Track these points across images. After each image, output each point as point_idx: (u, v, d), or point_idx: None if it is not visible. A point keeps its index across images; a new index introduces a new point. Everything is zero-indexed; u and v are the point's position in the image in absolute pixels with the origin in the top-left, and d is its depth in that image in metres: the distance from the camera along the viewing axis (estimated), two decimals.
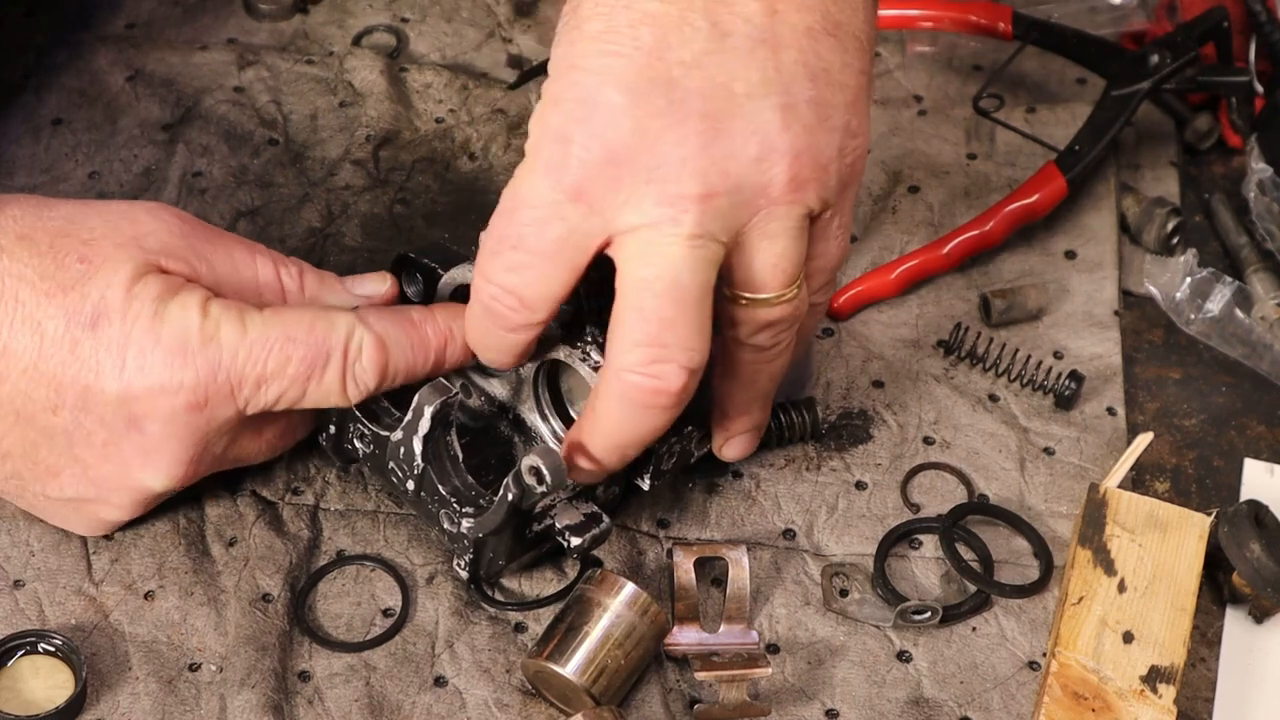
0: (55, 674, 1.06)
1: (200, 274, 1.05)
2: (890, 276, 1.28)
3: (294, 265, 1.10)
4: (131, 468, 1.04)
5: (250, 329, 1.02)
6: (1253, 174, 1.33)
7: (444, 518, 1.08)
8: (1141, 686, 1.04)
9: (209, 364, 1.01)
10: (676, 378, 0.98)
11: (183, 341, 1.01)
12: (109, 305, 1.01)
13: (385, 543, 1.14)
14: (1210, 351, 1.29)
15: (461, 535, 1.07)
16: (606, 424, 1.02)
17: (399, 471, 1.08)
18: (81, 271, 1.02)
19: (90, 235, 1.03)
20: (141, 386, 1.01)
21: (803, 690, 1.08)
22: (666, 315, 0.97)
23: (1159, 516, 1.11)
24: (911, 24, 1.46)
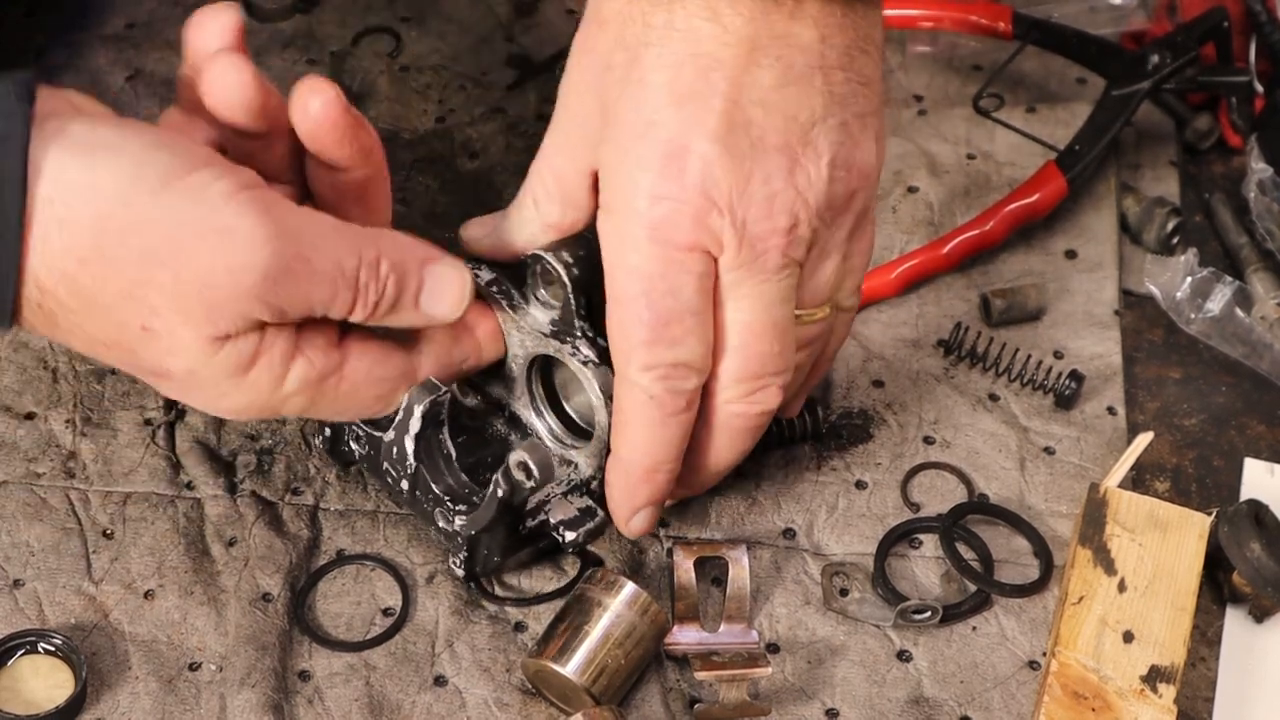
0: (55, 674, 1.06)
1: (269, 320, 0.97)
2: (890, 276, 1.28)
3: (375, 286, 0.99)
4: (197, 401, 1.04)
5: (315, 407, 1.02)
6: (1253, 174, 1.33)
7: (439, 516, 1.08)
8: (1141, 686, 1.04)
9: (270, 413, 1.01)
10: (776, 397, 1.05)
11: (249, 405, 1.00)
12: (173, 374, 0.97)
13: (385, 542, 1.14)
14: (1210, 351, 1.29)
15: (455, 533, 1.07)
16: (716, 454, 1.07)
17: (393, 471, 1.09)
18: (143, 340, 0.95)
19: (159, 302, 0.93)
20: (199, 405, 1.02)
21: (803, 690, 1.08)
22: (765, 350, 1.03)
23: (1159, 516, 1.11)
24: (911, 24, 1.46)
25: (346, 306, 0.99)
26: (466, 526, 1.06)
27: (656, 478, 1.05)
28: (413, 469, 1.07)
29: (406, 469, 1.07)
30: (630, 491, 1.06)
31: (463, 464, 1.08)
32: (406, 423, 1.05)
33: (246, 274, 0.93)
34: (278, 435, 1.18)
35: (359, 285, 0.98)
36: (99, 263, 0.91)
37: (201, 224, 0.93)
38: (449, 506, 1.07)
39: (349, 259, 0.98)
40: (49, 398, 1.20)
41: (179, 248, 0.92)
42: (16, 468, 1.16)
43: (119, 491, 1.15)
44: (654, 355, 1.01)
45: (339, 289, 0.97)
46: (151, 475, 1.16)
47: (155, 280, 0.92)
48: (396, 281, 1.00)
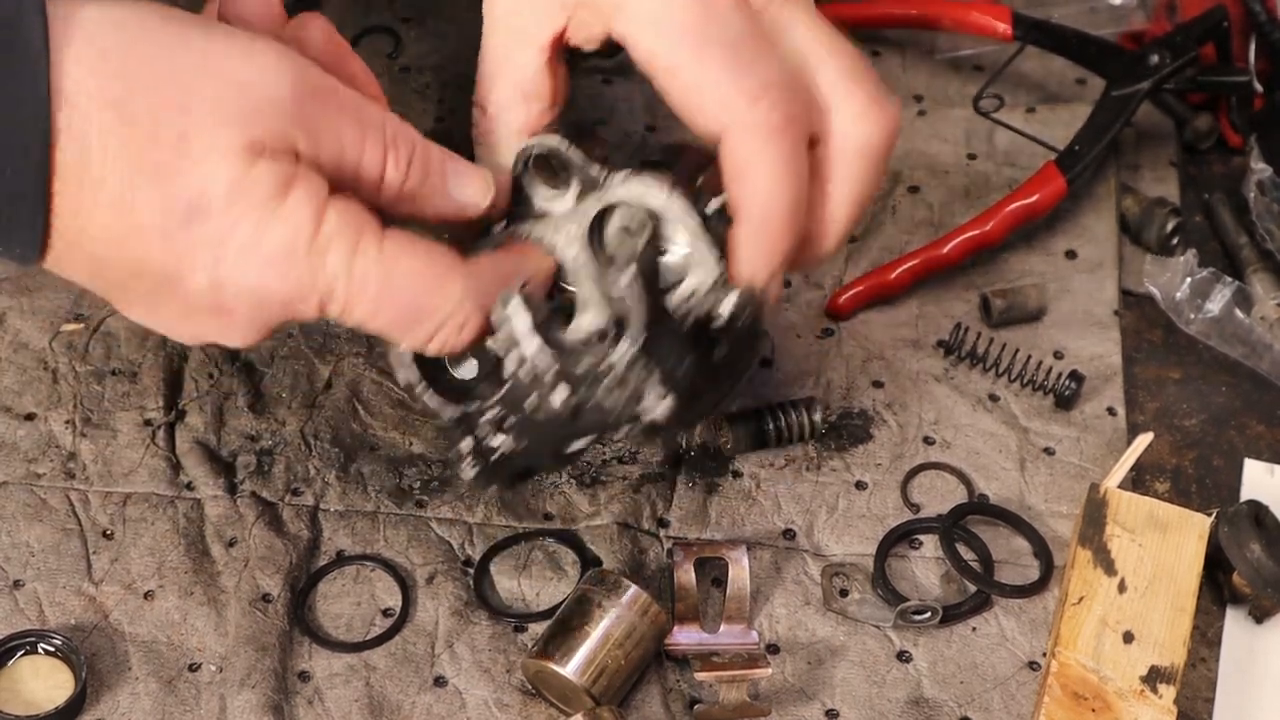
0: (55, 674, 1.06)
1: (302, 151, 0.93)
2: (890, 276, 1.28)
3: (404, 152, 0.97)
4: (208, 334, 0.97)
5: (358, 264, 0.94)
6: (1253, 174, 1.33)
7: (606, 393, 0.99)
8: (1141, 686, 1.04)
9: (307, 279, 0.93)
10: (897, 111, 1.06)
11: (287, 251, 0.92)
12: (209, 200, 0.90)
13: (385, 543, 1.14)
14: (1210, 351, 1.29)
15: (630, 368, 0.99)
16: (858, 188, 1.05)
17: (541, 391, 0.99)
18: (180, 151, 0.89)
19: (192, 105, 0.90)
20: (233, 286, 0.92)
21: (803, 690, 1.08)
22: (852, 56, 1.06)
23: (1159, 516, 1.11)
24: (912, 24, 1.46)
25: (378, 160, 0.95)
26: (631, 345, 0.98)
27: (796, 222, 1.02)
28: (552, 363, 0.99)
29: (544, 374, 0.99)
30: (773, 246, 1.01)
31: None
32: (512, 328, 0.98)
33: (277, 85, 0.91)
34: (278, 436, 1.18)
35: (387, 139, 0.95)
36: (131, 77, 0.89)
37: (230, 43, 0.92)
38: (602, 363, 0.99)
39: (374, 111, 0.96)
40: (49, 398, 1.20)
41: (210, 59, 0.91)
42: (16, 468, 1.16)
43: (119, 492, 1.15)
44: (753, 80, 0.99)
45: (368, 134, 0.95)
46: (151, 476, 1.16)
47: (191, 86, 0.89)
48: (423, 154, 0.97)
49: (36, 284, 1.25)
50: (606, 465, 1.18)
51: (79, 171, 0.88)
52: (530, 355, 0.99)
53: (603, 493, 1.16)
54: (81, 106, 0.87)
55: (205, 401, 1.20)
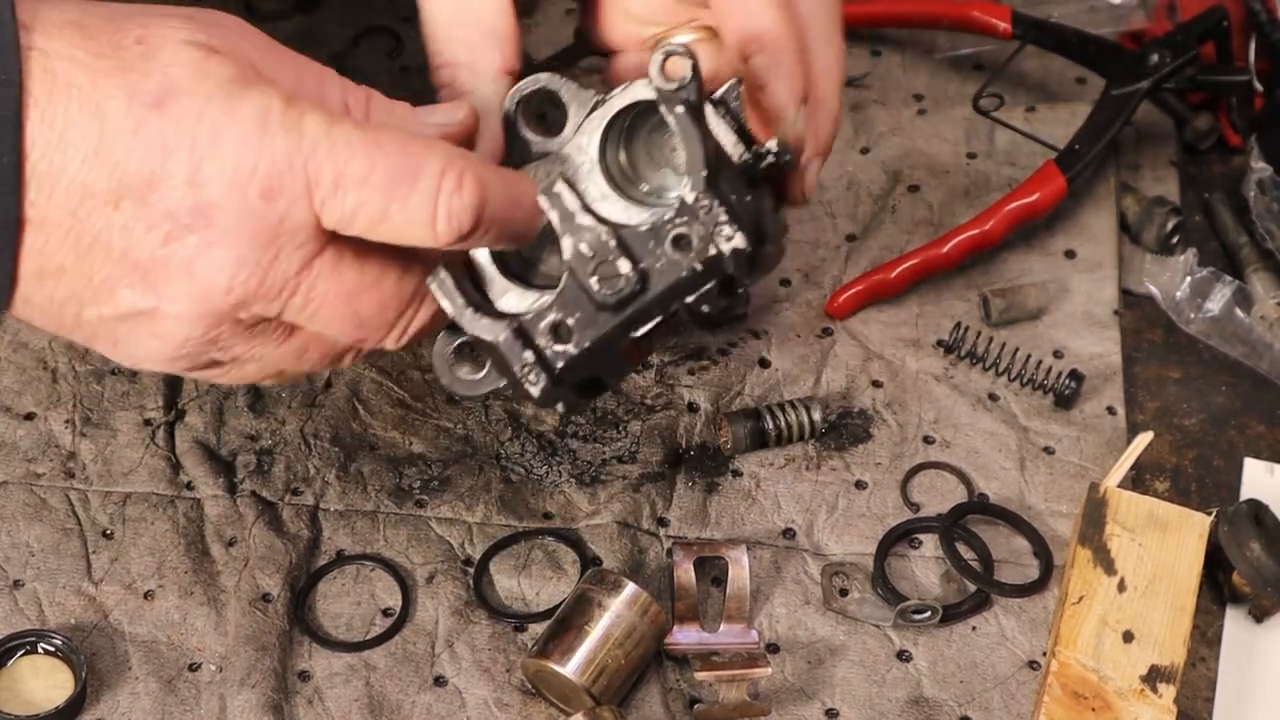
0: (55, 674, 1.06)
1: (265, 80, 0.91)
2: (890, 276, 1.28)
3: (362, 92, 0.96)
4: (195, 264, 0.90)
5: (336, 126, 0.90)
6: (1253, 174, 1.33)
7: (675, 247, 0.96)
8: (1141, 686, 1.04)
9: (287, 149, 0.89)
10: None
11: (262, 121, 0.88)
12: (176, 81, 0.88)
13: (385, 543, 1.14)
14: (1210, 351, 1.29)
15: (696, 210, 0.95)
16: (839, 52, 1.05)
17: (608, 273, 0.96)
18: (141, 52, 0.88)
19: (146, 16, 0.90)
20: (212, 169, 0.88)
21: (803, 690, 1.08)
22: None
23: (1159, 516, 1.11)
24: (912, 23, 1.46)
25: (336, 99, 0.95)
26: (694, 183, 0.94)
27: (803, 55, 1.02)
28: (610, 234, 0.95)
29: (607, 244, 0.96)
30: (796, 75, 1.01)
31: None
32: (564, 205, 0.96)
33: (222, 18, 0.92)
34: (277, 435, 1.18)
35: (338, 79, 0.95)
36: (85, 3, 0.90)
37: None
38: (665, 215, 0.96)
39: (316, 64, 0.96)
40: (49, 398, 1.20)
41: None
42: (16, 468, 1.16)
43: (119, 492, 1.15)
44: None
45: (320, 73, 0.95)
46: (151, 475, 1.16)
47: (143, 7, 0.90)
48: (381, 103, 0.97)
49: None
50: (606, 465, 1.18)
51: (48, 86, 0.87)
52: (589, 225, 0.96)
53: (603, 492, 1.16)
54: (41, 28, 0.87)
55: (205, 401, 1.20)
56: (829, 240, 1.33)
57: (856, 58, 1.47)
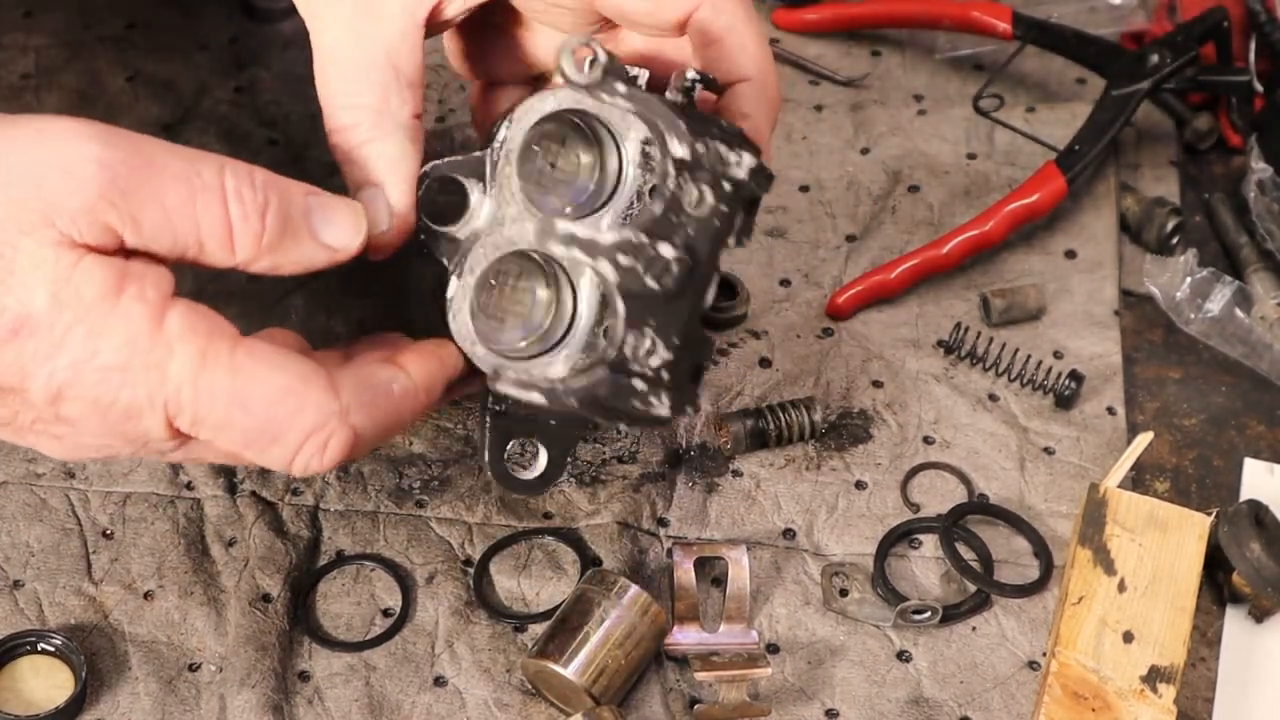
0: (55, 674, 1.06)
1: (126, 238, 0.86)
2: (890, 276, 1.28)
3: (252, 202, 0.89)
4: (69, 443, 0.91)
5: (203, 373, 0.87)
6: (1253, 174, 1.33)
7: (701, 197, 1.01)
8: (1141, 686, 1.04)
9: (148, 389, 0.86)
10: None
11: (125, 360, 0.86)
12: (32, 313, 0.84)
13: (385, 543, 1.14)
14: (1210, 351, 1.29)
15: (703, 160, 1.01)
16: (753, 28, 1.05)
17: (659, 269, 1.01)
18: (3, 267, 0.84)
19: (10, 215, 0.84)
20: (73, 395, 0.86)
21: (803, 690, 1.08)
22: None
23: (1159, 516, 1.11)
24: (912, 24, 1.46)
25: (218, 219, 0.87)
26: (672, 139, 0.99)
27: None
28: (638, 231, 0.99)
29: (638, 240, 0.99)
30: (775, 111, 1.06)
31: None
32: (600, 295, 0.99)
33: (79, 165, 0.84)
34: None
35: (227, 193, 0.87)
36: None
37: (17, 130, 0.85)
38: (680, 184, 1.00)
39: (208, 166, 0.88)
40: None
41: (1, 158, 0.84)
42: (16, 468, 1.16)
43: (119, 492, 1.15)
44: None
45: (198, 194, 0.87)
46: (151, 475, 1.16)
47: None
48: (280, 196, 0.89)
49: None
50: (606, 465, 1.18)
51: None
52: (612, 241, 0.99)
53: (603, 492, 1.16)
54: None
55: None
56: (829, 240, 1.33)
57: (856, 58, 1.47)
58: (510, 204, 0.98)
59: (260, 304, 1.25)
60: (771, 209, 1.34)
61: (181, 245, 0.88)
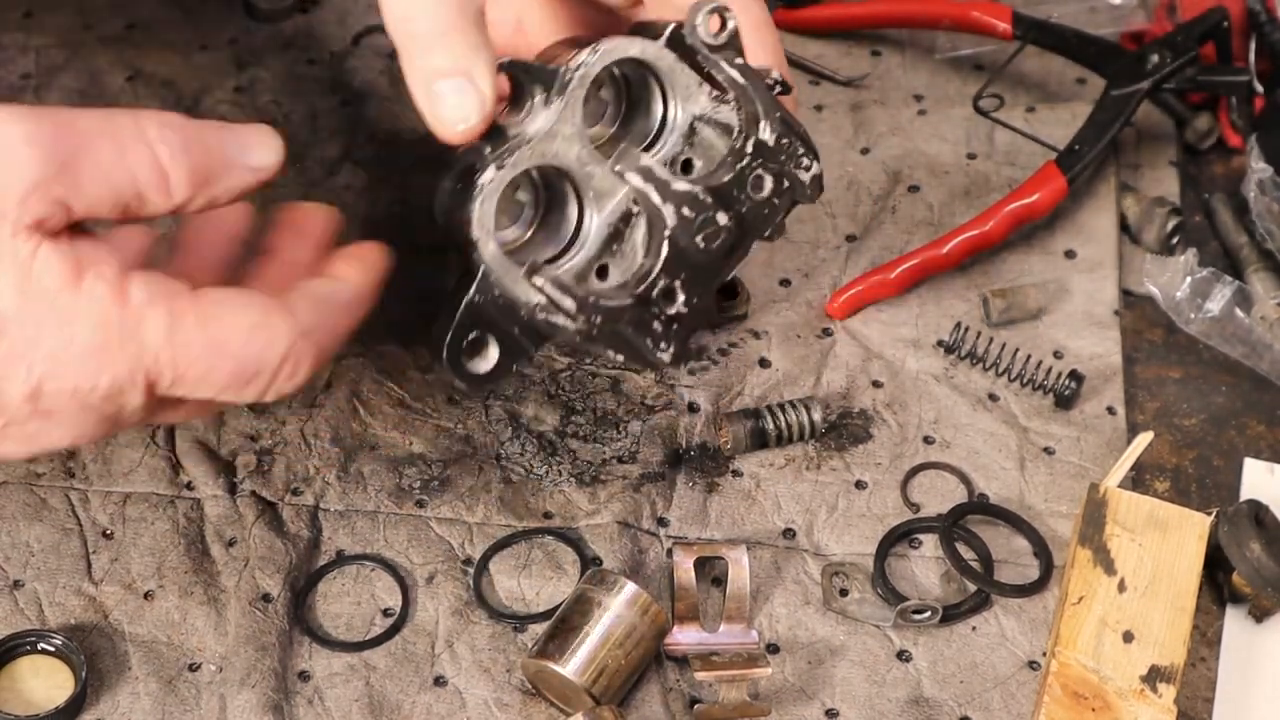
0: (55, 674, 1.06)
1: (74, 206, 0.87)
2: (890, 276, 1.28)
3: (174, 140, 0.90)
4: (37, 441, 0.91)
5: (177, 331, 0.89)
6: (1253, 174, 1.33)
7: (756, 186, 1.09)
8: (1141, 686, 1.04)
9: (128, 363, 0.88)
10: None
11: (101, 341, 0.87)
12: (2, 313, 0.86)
13: (385, 543, 1.14)
14: (1210, 351, 1.29)
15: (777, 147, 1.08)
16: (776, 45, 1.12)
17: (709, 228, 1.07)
18: None
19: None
20: (52, 388, 0.87)
21: (803, 690, 1.08)
22: None
23: (1159, 516, 1.11)
24: (912, 23, 1.46)
25: (149, 164, 0.89)
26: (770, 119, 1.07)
27: None
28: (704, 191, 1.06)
29: (705, 201, 1.06)
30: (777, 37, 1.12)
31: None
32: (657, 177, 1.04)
33: (12, 149, 0.85)
34: (278, 435, 1.18)
35: (149, 140, 0.89)
36: None
37: None
38: (747, 161, 1.07)
39: (124, 120, 0.89)
40: None
41: None
42: (16, 468, 1.16)
43: (119, 491, 1.15)
44: None
45: (127, 145, 0.88)
46: (151, 475, 1.16)
47: None
48: (196, 135, 0.91)
49: None
50: (606, 464, 1.18)
51: None
52: (684, 189, 1.05)
53: (603, 491, 1.16)
54: None
55: None
56: (829, 240, 1.33)
57: (856, 58, 1.47)
58: (567, 123, 1.02)
59: None
60: None
61: (123, 200, 0.89)
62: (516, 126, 1.01)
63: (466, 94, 0.98)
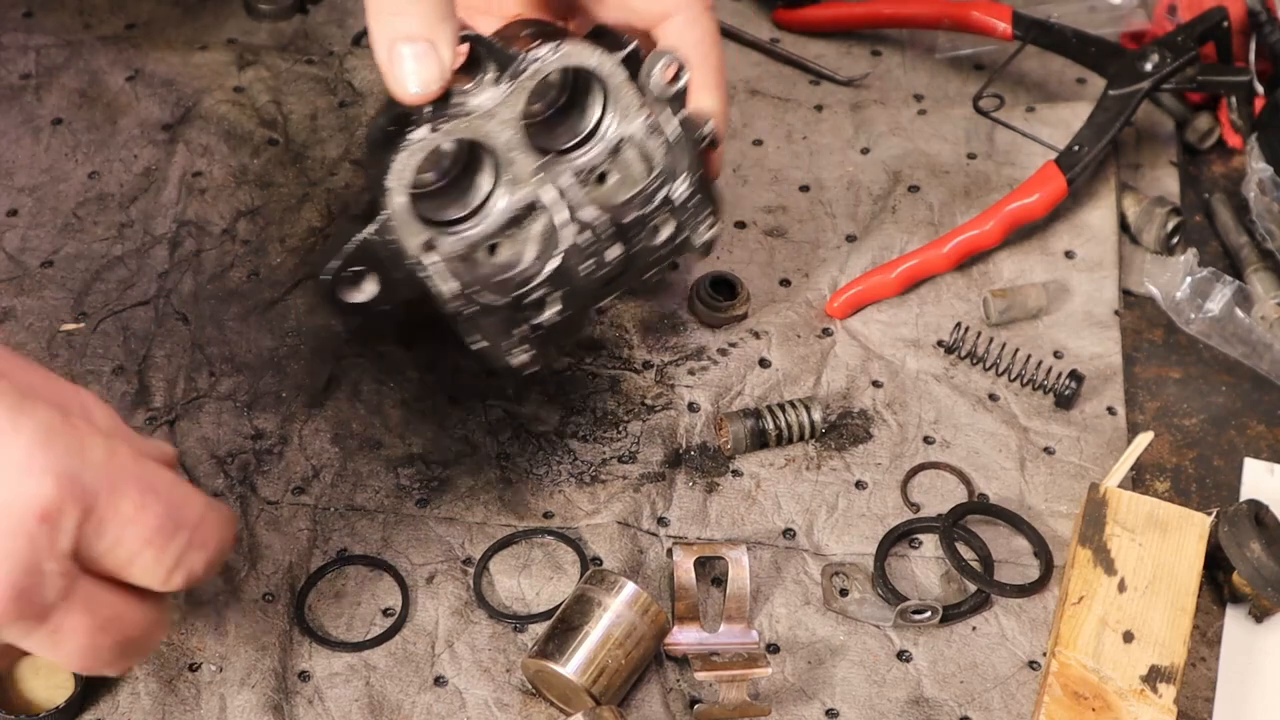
0: (55, 674, 1.06)
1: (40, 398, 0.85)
2: (890, 276, 1.28)
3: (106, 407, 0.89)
4: None
5: (115, 456, 0.85)
6: (1253, 174, 1.33)
7: (652, 234, 1.13)
8: (1141, 686, 1.04)
9: (70, 473, 0.82)
10: None
11: (46, 440, 0.82)
12: None
13: (385, 543, 1.14)
14: (1210, 351, 1.29)
15: (684, 205, 1.12)
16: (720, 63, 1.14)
17: (597, 257, 1.10)
18: None
19: None
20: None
21: (803, 690, 1.08)
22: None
23: (1159, 516, 1.11)
24: (912, 23, 1.46)
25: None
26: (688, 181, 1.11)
27: None
28: (606, 223, 1.10)
29: (602, 233, 1.10)
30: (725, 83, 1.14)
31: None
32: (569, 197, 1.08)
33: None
34: (278, 435, 1.18)
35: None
36: None
37: None
38: (656, 208, 1.11)
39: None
40: None
41: None
42: None
43: None
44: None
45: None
46: None
47: None
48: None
49: (36, 283, 1.25)
50: (606, 464, 1.18)
51: None
52: (591, 217, 1.08)
53: (603, 491, 1.16)
54: None
55: (205, 401, 1.20)
56: (829, 240, 1.33)
57: (856, 58, 1.47)
58: (509, 108, 1.04)
59: (260, 303, 1.25)
60: (771, 209, 1.34)
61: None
62: (461, 95, 1.03)
63: (428, 60, 0.99)
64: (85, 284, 1.25)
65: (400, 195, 1.03)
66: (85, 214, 1.30)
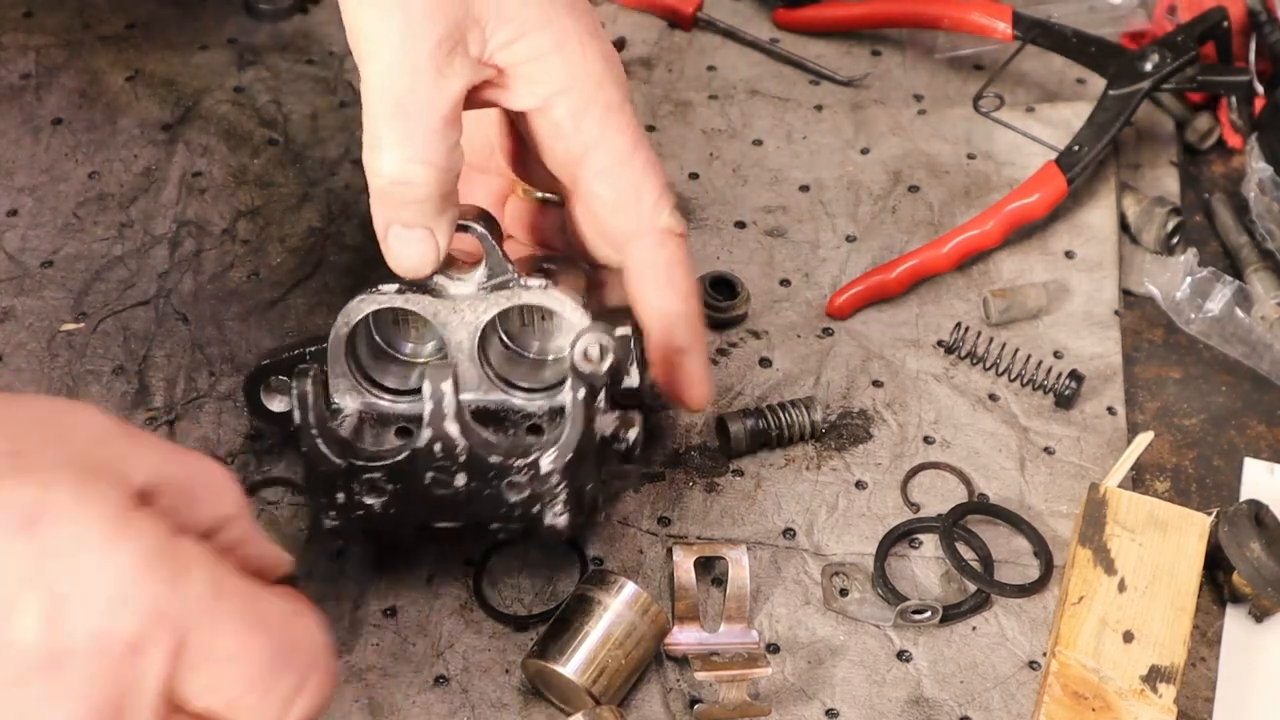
0: None
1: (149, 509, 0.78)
2: (890, 276, 1.28)
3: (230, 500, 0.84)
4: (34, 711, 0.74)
5: (224, 595, 0.77)
6: (1253, 174, 1.33)
7: (508, 489, 1.01)
8: (1141, 686, 1.04)
9: (168, 602, 0.75)
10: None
11: (146, 562, 0.74)
12: (54, 502, 0.74)
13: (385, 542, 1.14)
14: (1210, 351, 1.29)
15: (545, 478, 1.01)
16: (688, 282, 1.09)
17: (443, 474, 1.01)
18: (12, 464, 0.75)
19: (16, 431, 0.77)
20: (78, 609, 0.74)
21: (803, 690, 1.08)
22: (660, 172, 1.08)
23: (1159, 516, 1.11)
24: (912, 24, 1.46)
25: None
26: (559, 459, 1.00)
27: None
28: (464, 450, 1.00)
29: (457, 456, 1.00)
30: (702, 347, 1.09)
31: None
32: (441, 405, 0.99)
33: None
34: (277, 436, 1.18)
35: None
36: None
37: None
38: (518, 464, 1.01)
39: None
40: None
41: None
42: None
43: None
44: (666, 195, 1.07)
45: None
46: None
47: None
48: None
49: (36, 283, 1.25)
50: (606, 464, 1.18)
51: None
52: (453, 435, 1.00)
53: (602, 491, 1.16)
54: None
55: (205, 401, 1.20)
56: (829, 240, 1.33)
57: (857, 58, 1.47)
58: (477, 314, 1.05)
59: (260, 303, 1.25)
60: (771, 209, 1.34)
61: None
62: (447, 277, 1.05)
63: (425, 246, 1.02)
64: (85, 284, 1.25)
65: (343, 329, 1.05)
66: (85, 214, 1.30)
